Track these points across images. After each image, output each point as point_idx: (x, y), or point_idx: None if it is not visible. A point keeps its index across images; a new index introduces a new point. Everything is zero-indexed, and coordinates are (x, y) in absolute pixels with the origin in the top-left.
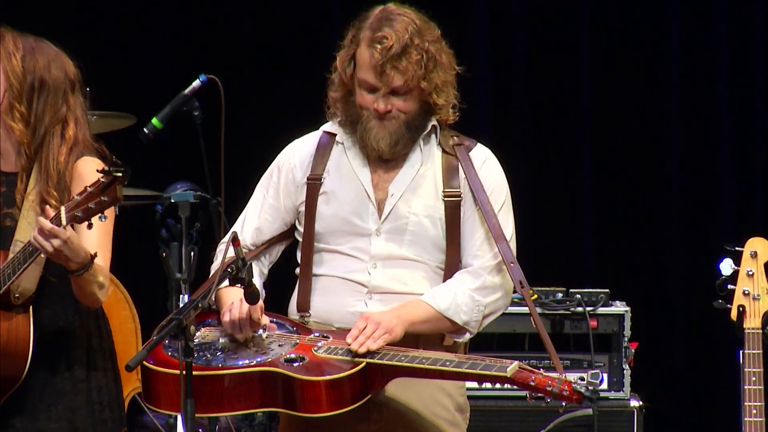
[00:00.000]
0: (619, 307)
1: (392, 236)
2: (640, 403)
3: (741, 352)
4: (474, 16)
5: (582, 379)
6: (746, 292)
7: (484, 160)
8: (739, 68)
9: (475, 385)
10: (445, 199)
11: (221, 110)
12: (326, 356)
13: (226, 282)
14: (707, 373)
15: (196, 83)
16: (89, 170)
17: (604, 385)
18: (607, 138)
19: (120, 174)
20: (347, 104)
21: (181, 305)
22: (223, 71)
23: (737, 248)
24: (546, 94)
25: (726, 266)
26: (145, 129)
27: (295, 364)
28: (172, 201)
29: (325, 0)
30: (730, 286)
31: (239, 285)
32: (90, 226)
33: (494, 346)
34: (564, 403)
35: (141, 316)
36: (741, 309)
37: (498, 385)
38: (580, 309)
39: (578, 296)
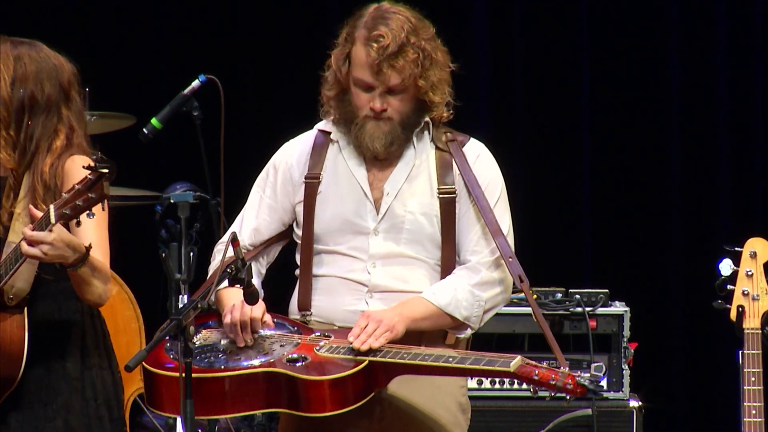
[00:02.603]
0: (619, 308)
1: (390, 235)
2: (640, 403)
3: (740, 352)
4: (474, 16)
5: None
6: (745, 292)
7: (478, 155)
8: (739, 69)
9: (474, 384)
10: (440, 196)
11: (221, 110)
12: (328, 355)
13: (225, 282)
14: (707, 373)
15: (195, 83)
16: (76, 168)
17: (604, 386)
18: (607, 138)
19: (106, 170)
20: (342, 103)
21: (180, 306)
22: (223, 71)
23: (736, 248)
24: (546, 94)
25: (725, 266)
26: (144, 129)
27: (298, 364)
28: (172, 201)
29: (325, 0)
30: (729, 287)
31: (239, 285)
32: (78, 223)
33: (494, 346)
34: (568, 397)
35: (142, 315)
36: (740, 309)
37: (498, 385)
38: (579, 309)
39: (577, 296)
